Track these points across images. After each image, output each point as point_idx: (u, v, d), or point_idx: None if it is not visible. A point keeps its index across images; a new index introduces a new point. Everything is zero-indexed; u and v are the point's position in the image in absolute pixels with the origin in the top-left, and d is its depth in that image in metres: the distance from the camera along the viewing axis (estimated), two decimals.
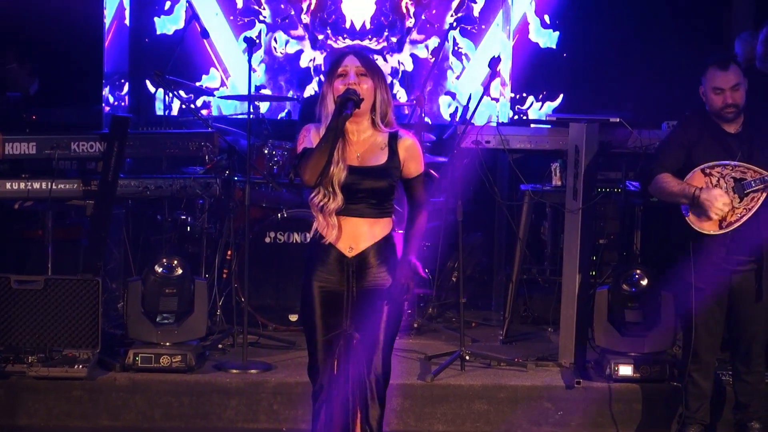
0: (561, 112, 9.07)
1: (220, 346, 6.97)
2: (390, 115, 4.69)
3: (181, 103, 8.07)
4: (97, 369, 6.42)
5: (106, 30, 9.07)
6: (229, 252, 7.51)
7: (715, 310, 5.76)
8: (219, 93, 9.06)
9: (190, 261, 6.97)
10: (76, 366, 6.31)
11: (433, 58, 7.92)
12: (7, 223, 7.46)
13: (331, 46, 9.31)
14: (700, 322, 5.74)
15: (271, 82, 9.39)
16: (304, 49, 9.39)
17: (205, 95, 9.04)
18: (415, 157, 4.69)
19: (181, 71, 8.44)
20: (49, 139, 6.84)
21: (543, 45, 9.41)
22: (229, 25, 9.37)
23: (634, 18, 9.18)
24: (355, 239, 4.62)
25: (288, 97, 9.08)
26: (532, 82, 9.39)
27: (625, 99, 8.73)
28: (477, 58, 9.47)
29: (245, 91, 7.57)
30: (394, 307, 4.66)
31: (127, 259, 7.63)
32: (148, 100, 9.11)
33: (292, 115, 9.10)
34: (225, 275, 7.54)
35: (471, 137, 7.14)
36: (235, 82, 9.32)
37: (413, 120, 7.88)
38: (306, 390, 4.79)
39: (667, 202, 5.73)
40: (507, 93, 9.47)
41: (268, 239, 7.46)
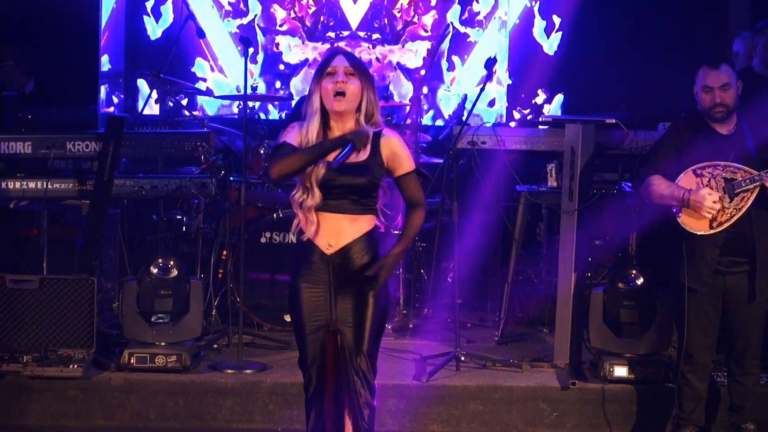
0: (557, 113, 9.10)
1: (216, 346, 6.97)
2: (376, 116, 4.71)
3: (174, 104, 8.07)
4: (92, 369, 6.41)
5: (102, 29, 9.06)
6: (224, 252, 7.50)
7: (709, 312, 5.76)
8: (217, 92, 9.07)
9: (185, 261, 6.97)
10: (71, 366, 6.30)
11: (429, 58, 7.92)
12: (2, 223, 7.45)
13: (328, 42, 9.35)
14: (693, 324, 5.75)
15: (266, 81, 9.42)
16: (300, 48, 9.42)
17: (200, 95, 9.04)
18: (399, 153, 4.69)
19: (175, 71, 8.45)
20: (44, 139, 6.84)
21: (543, 48, 9.44)
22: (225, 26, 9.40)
23: (631, 19, 9.19)
24: (336, 236, 4.66)
25: (283, 97, 9.07)
26: (531, 83, 9.40)
27: (621, 100, 8.74)
28: (473, 59, 9.48)
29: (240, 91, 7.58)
30: (380, 300, 4.69)
31: (122, 258, 7.62)
32: (144, 99, 9.12)
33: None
34: (220, 275, 7.53)
35: (467, 138, 7.15)
36: (230, 82, 9.33)
37: (411, 119, 7.89)
38: (302, 390, 4.79)
39: (658, 204, 5.73)
40: (503, 94, 9.49)
41: (263, 239, 7.46)
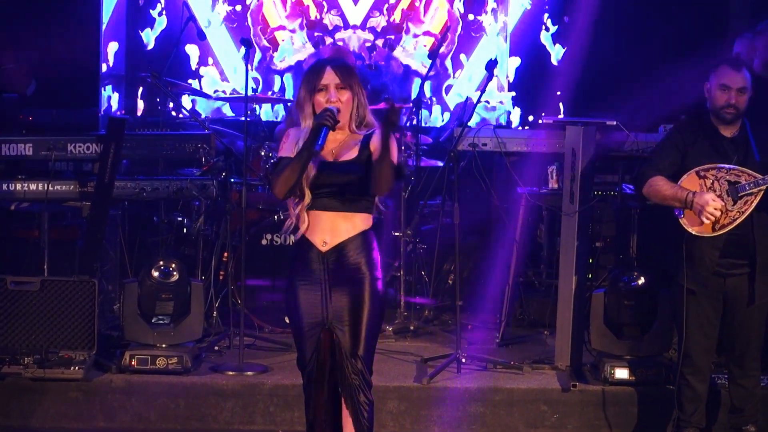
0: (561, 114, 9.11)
1: (217, 348, 6.97)
2: (368, 117, 4.79)
3: (174, 106, 8.08)
4: (93, 370, 6.41)
5: (103, 31, 9.07)
6: (225, 254, 7.50)
7: (709, 313, 5.76)
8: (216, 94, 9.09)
9: (186, 263, 6.97)
10: (72, 367, 6.30)
11: (430, 60, 7.93)
12: (3, 224, 7.45)
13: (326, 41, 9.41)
14: (694, 326, 5.75)
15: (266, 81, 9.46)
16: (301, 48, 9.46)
17: (201, 97, 9.05)
18: (381, 139, 4.58)
19: (176, 72, 8.46)
20: (45, 141, 6.85)
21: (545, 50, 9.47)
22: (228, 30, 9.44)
23: (632, 20, 9.20)
24: (330, 233, 4.70)
25: (285, 99, 9.08)
26: (533, 85, 9.42)
27: (622, 102, 8.73)
28: (473, 61, 9.50)
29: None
30: (375, 298, 4.71)
31: (123, 260, 7.62)
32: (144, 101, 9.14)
33: None
34: (221, 277, 7.53)
35: (468, 140, 7.15)
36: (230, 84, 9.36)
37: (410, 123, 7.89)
38: (302, 392, 4.79)
39: (661, 205, 5.74)
40: (506, 97, 9.51)
41: (264, 241, 7.46)
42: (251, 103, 7.87)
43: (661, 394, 6.31)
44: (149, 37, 9.35)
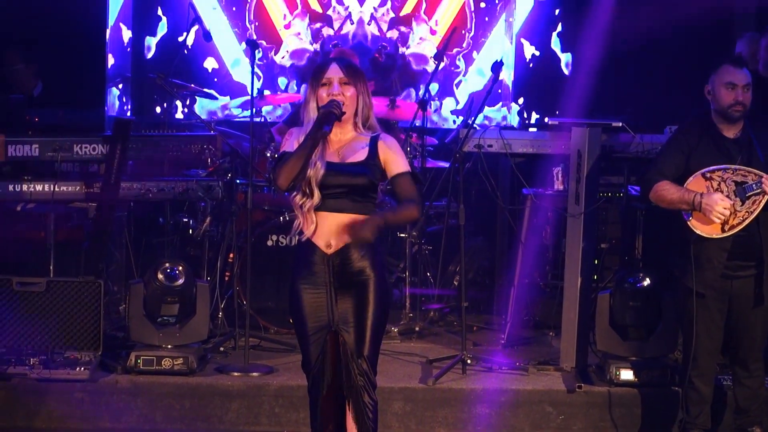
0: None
1: (222, 348, 6.98)
2: (372, 119, 4.80)
3: (183, 106, 8.08)
4: (99, 371, 6.42)
5: (109, 31, 9.07)
6: (231, 255, 7.51)
7: (715, 316, 5.75)
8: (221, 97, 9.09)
9: (192, 264, 6.97)
10: (78, 368, 6.31)
11: (436, 62, 7.91)
12: (9, 225, 7.45)
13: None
14: (701, 328, 5.73)
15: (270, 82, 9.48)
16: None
17: (206, 98, 9.05)
18: (393, 154, 4.75)
19: (184, 74, 8.47)
20: (51, 141, 6.85)
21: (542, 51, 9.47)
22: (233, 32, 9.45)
23: (635, 21, 9.18)
24: (335, 235, 4.69)
25: (291, 100, 9.08)
26: (535, 86, 9.42)
27: (627, 103, 8.73)
28: (479, 63, 9.50)
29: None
30: (380, 299, 4.71)
31: (128, 261, 7.62)
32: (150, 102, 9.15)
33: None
34: (227, 278, 7.54)
35: (473, 141, 7.15)
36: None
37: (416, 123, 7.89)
38: (307, 393, 4.79)
39: (669, 209, 5.71)
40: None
41: (270, 242, 7.46)
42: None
43: (666, 395, 6.30)
44: (151, 40, 9.35)
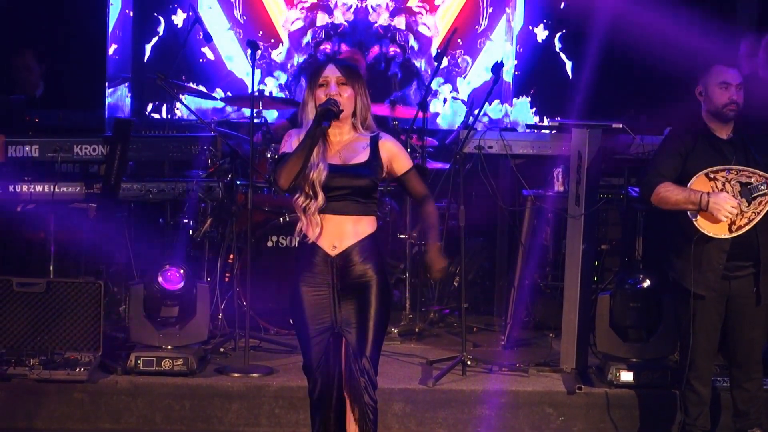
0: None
1: (222, 349, 6.97)
2: (369, 120, 4.82)
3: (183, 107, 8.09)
4: (99, 372, 6.42)
5: (110, 32, 9.08)
6: (231, 256, 7.51)
7: (714, 317, 5.75)
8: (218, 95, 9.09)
9: (191, 264, 6.96)
10: (78, 369, 6.31)
11: (436, 62, 7.91)
12: (9, 226, 7.45)
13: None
14: (700, 331, 5.72)
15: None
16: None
17: (207, 99, 9.05)
18: (397, 153, 4.81)
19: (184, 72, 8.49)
20: (51, 142, 6.85)
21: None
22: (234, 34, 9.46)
23: (637, 21, 9.18)
24: (339, 237, 4.70)
25: (293, 100, 9.08)
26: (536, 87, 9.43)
27: (627, 104, 8.73)
28: (479, 64, 9.50)
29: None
30: (383, 300, 4.72)
31: (129, 262, 7.62)
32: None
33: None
34: (227, 279, 7.53)
35: (473, 142, 7.14)
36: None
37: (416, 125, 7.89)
38: (307, 394, 4.79)
39: (674, 210, 5.69)
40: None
41: (270, 243, 7.46)
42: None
43: (666, 396, 6.30)
44: (151, 41, 9.37)
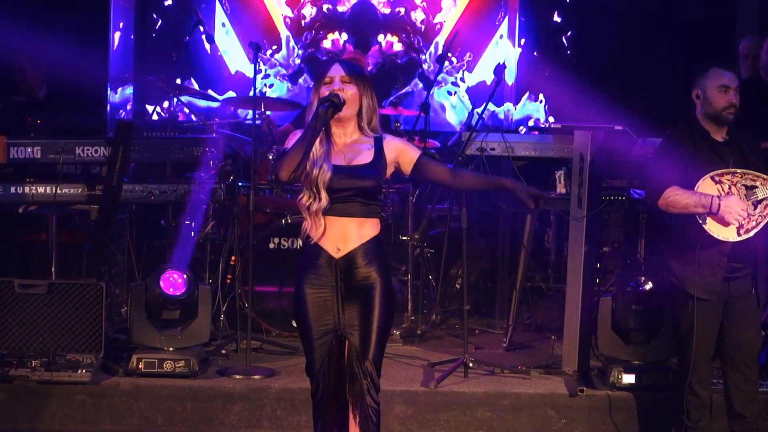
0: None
1: (224, 351, 6.97)
2: (375, 122, 4.79)
3: (190, 111, 8.10)
4: (101, 374, 6.42)
5: (112, 34, 9.09)
6: (233, 257, 7.51)
7: (713, 320, 5.73)
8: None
9: (193, 266, 6.96)
10: (80, 370, 6.31)
11: (437, 64, 7.92)
12: (11, 227, 7.47)
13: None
14: (701, 334, 5.71)
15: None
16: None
17: (209, 101, 9.06)
18: (403, 146, 4.83)
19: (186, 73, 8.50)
20: (53, 144, 6.85)
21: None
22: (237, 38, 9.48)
23: (638, 26, 9.20)
24: (343, 240, 4.68)
25: (296, 102, 9.08)
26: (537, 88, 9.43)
27: (629, 107, 8.73)
28: (481, 65, 9.51)
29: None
30: (386, 303, 4.71)
31: (130, 264, 7.62)
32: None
33: None
34: (229, 281, 7.54)
35: (476, 144, 7.14)
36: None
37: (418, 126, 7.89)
38: (309, 396, 4.79)
39: (683, 213, 5.66)
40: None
41: (272, 245, 7.46)
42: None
43: (668, 399, 6.29)
44: (151, 41, 9.37)
